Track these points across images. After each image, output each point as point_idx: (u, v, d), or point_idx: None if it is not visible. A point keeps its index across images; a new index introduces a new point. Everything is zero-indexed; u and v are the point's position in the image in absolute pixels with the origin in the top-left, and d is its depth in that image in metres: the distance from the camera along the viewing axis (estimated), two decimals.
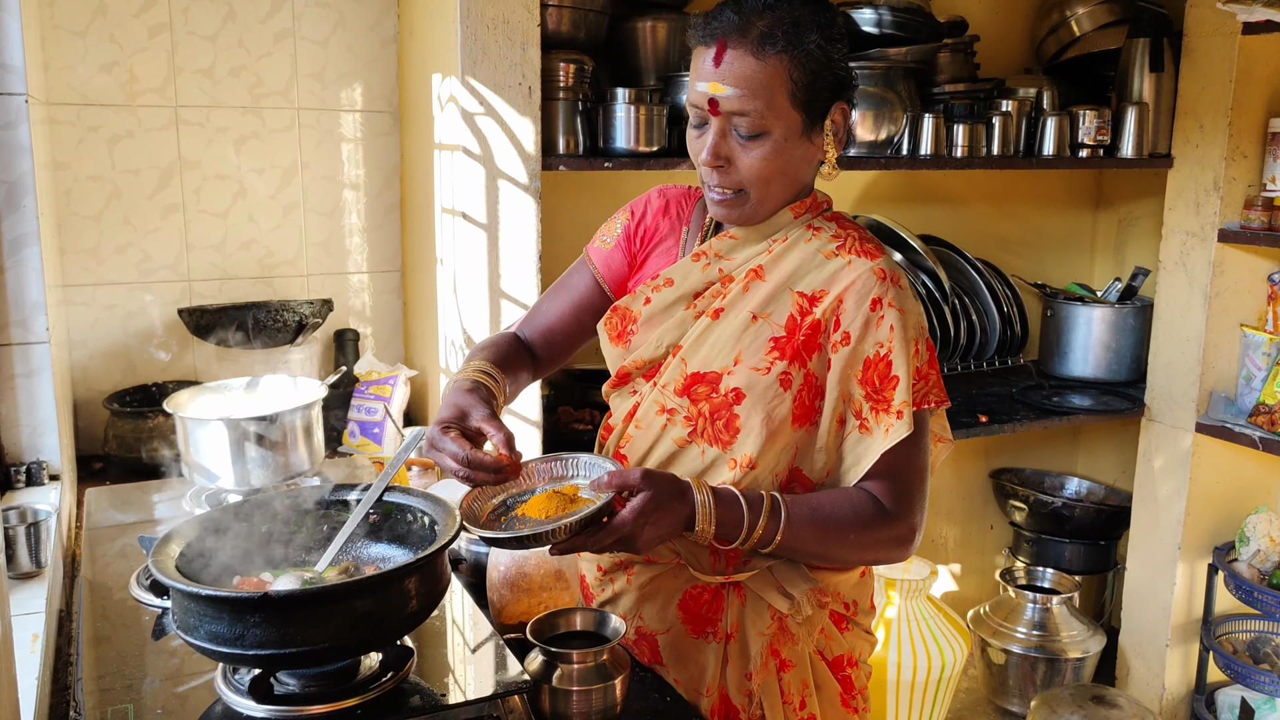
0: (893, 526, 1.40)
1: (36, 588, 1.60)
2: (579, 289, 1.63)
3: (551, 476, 1.44)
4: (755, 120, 1.34)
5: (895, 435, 1.37)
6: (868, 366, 1.39)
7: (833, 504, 1.39)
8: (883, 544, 1.41)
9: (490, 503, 1.40)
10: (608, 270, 1.60)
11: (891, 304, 1.39)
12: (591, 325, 1.62)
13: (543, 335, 1.64)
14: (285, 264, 2.63)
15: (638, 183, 2.87)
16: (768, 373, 1.40)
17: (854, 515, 1.39)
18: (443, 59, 2.28)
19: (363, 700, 1.22)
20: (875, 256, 1.42)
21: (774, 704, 1.47)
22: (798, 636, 1.48)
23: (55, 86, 2.34)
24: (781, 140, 1.36)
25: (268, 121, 2.56)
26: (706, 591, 1.49)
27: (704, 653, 1.49)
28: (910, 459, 1.40)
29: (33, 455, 1.95)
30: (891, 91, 2.74)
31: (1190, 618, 3.19)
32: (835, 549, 1.41)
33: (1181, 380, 3.08)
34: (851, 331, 1.39)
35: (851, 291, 1.39)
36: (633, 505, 1.28)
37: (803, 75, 1.34)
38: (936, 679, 3.02)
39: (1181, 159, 3.02)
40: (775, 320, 1.42)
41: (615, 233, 1.61)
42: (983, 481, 3.69)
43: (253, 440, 1.86)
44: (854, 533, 1.39)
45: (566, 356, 1.66)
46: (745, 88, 1.33)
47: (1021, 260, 3.59)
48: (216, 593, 1.15)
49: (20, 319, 1.90)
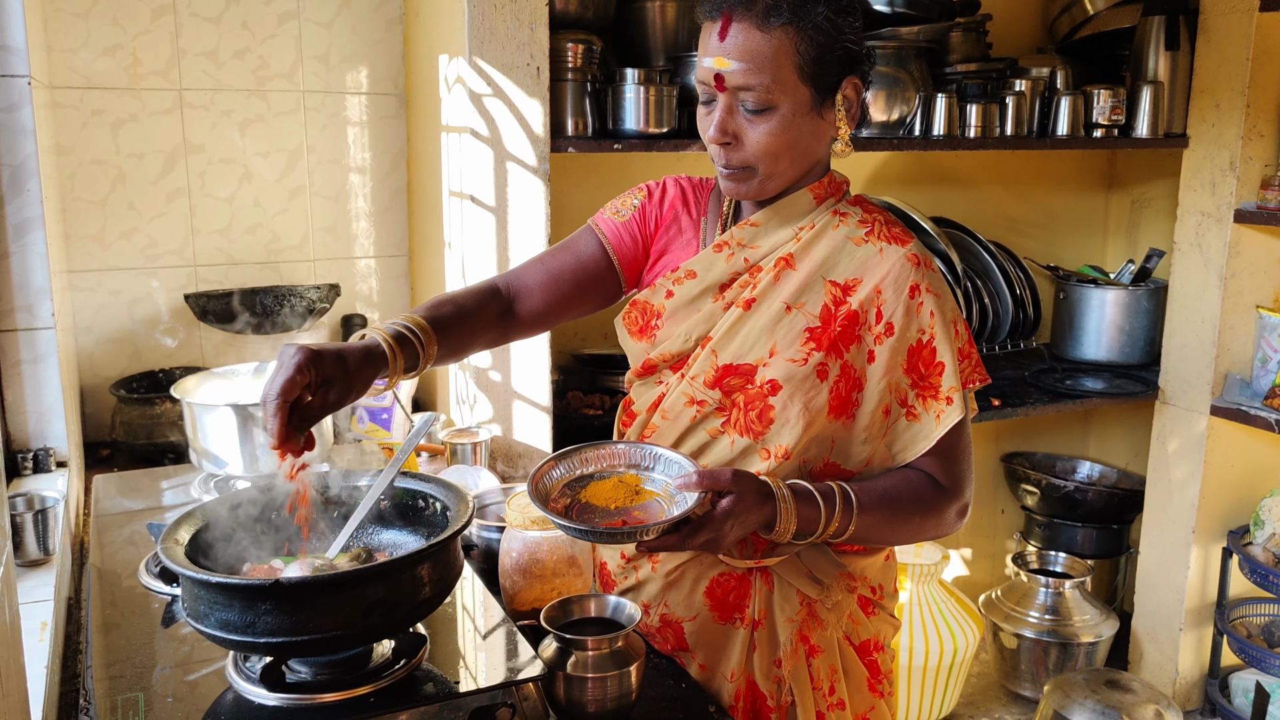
0: (952, 503, 1.43)
1: (45, 575, 1.59)
2: (583, 254, 1.54)
3: (629, 462, 1.38)
4: (761, 95, 1.31)
5: (948, 421, 1.38)
6: (911, 354, 1.39)
7: (897, 489, 1.41)
8: (946, 522, 1.44)
9: (557, 481, 1.35)
10: (618, 242, 1.53)
11: (929, 289, 1.38)
12: (591, 293, 1.55)
13: (529, 293, 1.53)
14: (291, 249, 2.61)
15: (646, 164, 2.84)
16: (804, 364, 1.38)
17: (917, 498, 1.41)
18: (449, 40, 2.25)
19: (375, 688, 1.20)
20: (905, 242, 1.41)
21: (804, 690, 1.46)
22: (826, 622, 1.47)
23: (58, 69, 2.32)
24: (789, 115, 1.33)
25: (272, 104, 2.53)
26: (733, 577, 1.47)
27: (730, 639, 1.48)
28: (959, 438, 1.42)
29: (40, 442, 1.93)
30: (903, 71, 2.71)
31: (1204, 601, 3.17)
32: (902, 531, 1.43)
33: (1196, 363, 3.05)
34: (895, 322, 1.38)
35: (888, 281, 1.38)
36: (723, 506, 1.26)
37: (810, 48, 1.31)
38: (948, 663, 3.01)
39: (1197, 139, 2.99)
40: (809, 310, 1.40)
41: (630, 208, 1.55)
42: (994, 465, 3.67)
43: (260, 426, 1.84)
44: (919, 515, 1.41)
45: (554, 320, 1.57)
46: (750, 61, 1.30)
47: (1034, 242, 3.56)
48: (227, 580, 1.13)
49: (25, 304, 1.88)
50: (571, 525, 1.25)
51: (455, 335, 1.43)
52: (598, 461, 1.39)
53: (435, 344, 1.38)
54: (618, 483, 1.34)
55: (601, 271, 1.54)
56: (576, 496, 1.34)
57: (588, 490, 1.34)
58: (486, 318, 1.49)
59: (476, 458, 2.06)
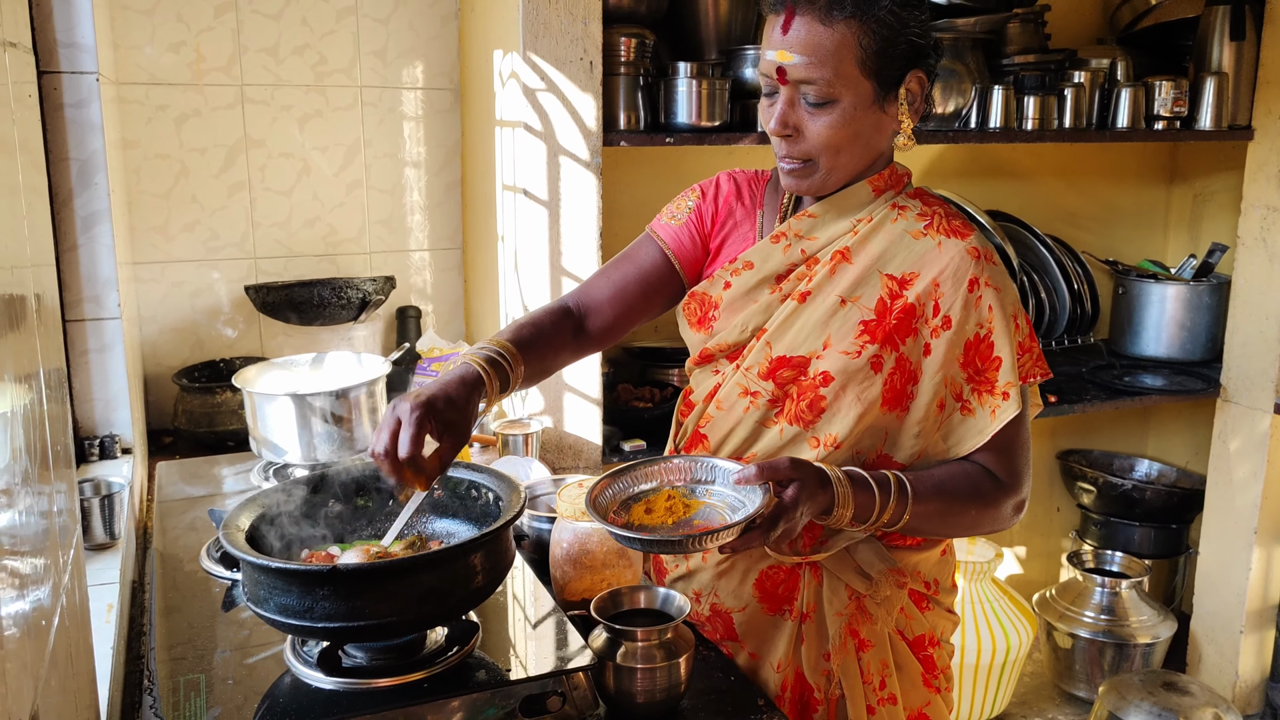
0: (1009, 498, 1.42)
1: (111, 559, 1.63)
2: (645, 264, 1.57)
3: (689, 477, 1.39)
4: (823, 88, 1.32)
5: (1004, 416, 1.37)
6: (969, 348, 1.38)
7: (953, 481, 1.40)
8: (1002, 517, 1.43)
9: (613, 496, 1.36)
10: (678, 246, 1.55)
11: (988, 283, 1.38)
12: (656, 300, 1.57)
13: (599, 308, 1.56)
14: (348, 241, 2.65)
15: (698, 158, 2.84)
16: (858, 356, 1.38)
17: (973, 490, 1.41)
18: (504, 35, 2.26)
19: (428, 674, 1.23)
20: (965, 235, 1.40)
21: (854, 684, 1.46)
22: (876, 616, 1.47)
23: (124, 66, 2.38)
24: (851, 109, 1.33)
25: (331, 100, 2.57)
26: (782, 570, 1.47)
27: (779, 630, 1.48)
28: (1017, 432, 1.41)
29: (106, 429, 1.99)
30: (960, 63, 2.67)
31: (1266, 603, 3.10)
32: (957, 523, 1.43)
33: (1260, 360, 2.98)
34: (952, 315, 1.37)
35: (947, 274, 1.38)
36: (790, 495, 1.26)
37: (873, 42, 1.31)
38: (1001, 662, 2.97)
39: (1263, 130, 2.91)
40: (864, 304, 1.39)
41: (685, 210, 1.56)
42: (1050, 463, 3.62)
43: (319, 415, 1.88)
44: (975, 508, 1.41)
45: (624, 331, 1.59)
46: (813, 55, 1.30)
47: (1092, 236, 3.49)
48: (287, 565, 1.16)
49: (93, 295, 1.94)
50: (653, 538, 1.24)
51: (538, 356, 1.46)
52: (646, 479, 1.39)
53: (521, 365, 1.42)
54: (667, 497, 1.34)
55: (665, 277, 1.56)
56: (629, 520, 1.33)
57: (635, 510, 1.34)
58: (563, 337, 1.53)
59: (528, 449, 2.08)
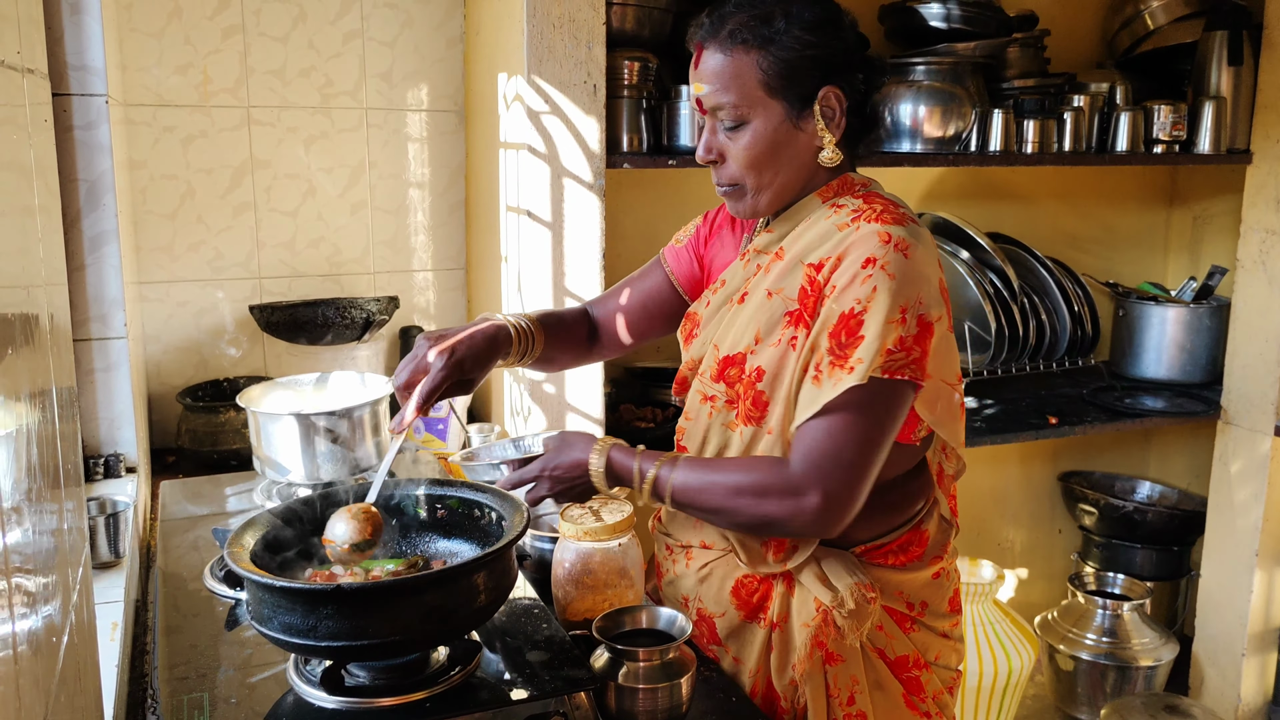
0: (804, 492, 1.31)
1: (115, 577, 1.64)
2: (650, 283, 1.72)
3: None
4: (731, 111, 1.40)
5: (841, 385, 1.30)
6: (840, 321, 1.34)
7: (732, 461, 1.43)
8: (794, 511, 1.32)
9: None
10: (678, 266, 1.69)
11: (884, 267, 1.32)
12: (658, 320, 1.71)
13: (609, 319, 1.73)
14: (353, 261, 2.67)
15: (700, 180, 2.86)
16: (779, 344, 1.42)
17: (748, 468, 1.37)
18: (508, 58, 2.29)
19: (431, 693, 1.23)
20: (888, 223, 1.36)
21: (818, 696, 1.45)
22: (844, 630, 1.45)
23: (132, 87, 2.40)
24: (763, 128, 1.41)
25: (336, 121, 2.59)
26: (755, 579, 1.51)
27: (754, 637, 1.52)
28: (851, 423, 1.32)
29: (111, 448, 1.99)
30: (959, 87, 2.69)
31: (1268, 626, 3.10)
32: (731, 504, 1.36)
33: (1260, 382, 2.99)
34: (837, 285, 1.35)
35: (851, 250, 1.36)
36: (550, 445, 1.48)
37: (773, 64, 1.38)
38: (1003, 685, 2.97)
39: (1261, 155, 2.93)
40: (788, 294, 1.43)
41: (687, 234, 1.70)
42: (1051, 485, 3.62)
43: (322, 435, 1.89)
44: (751, 491, 1.34)
45: (628, 345, 1.75)
46: (717, 82, 1.40)
47: (1092, 258, 3.51)
48: (292, 584, 1.17)
49: (100, 314, 1.95)
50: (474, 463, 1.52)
51: (555, 341, 1.65)
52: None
53: (541, 342, 1.61)
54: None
55: (667, 296, 1.70)
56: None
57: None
58: (579, 336, 1.73)
59: None
